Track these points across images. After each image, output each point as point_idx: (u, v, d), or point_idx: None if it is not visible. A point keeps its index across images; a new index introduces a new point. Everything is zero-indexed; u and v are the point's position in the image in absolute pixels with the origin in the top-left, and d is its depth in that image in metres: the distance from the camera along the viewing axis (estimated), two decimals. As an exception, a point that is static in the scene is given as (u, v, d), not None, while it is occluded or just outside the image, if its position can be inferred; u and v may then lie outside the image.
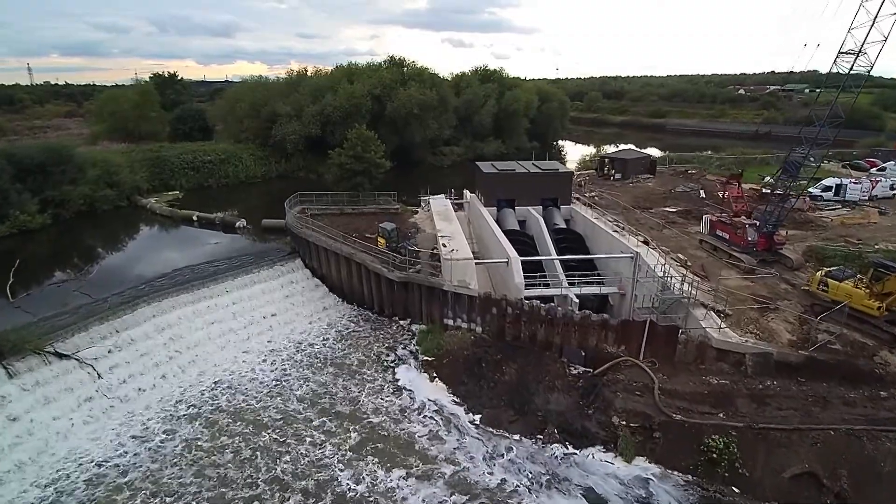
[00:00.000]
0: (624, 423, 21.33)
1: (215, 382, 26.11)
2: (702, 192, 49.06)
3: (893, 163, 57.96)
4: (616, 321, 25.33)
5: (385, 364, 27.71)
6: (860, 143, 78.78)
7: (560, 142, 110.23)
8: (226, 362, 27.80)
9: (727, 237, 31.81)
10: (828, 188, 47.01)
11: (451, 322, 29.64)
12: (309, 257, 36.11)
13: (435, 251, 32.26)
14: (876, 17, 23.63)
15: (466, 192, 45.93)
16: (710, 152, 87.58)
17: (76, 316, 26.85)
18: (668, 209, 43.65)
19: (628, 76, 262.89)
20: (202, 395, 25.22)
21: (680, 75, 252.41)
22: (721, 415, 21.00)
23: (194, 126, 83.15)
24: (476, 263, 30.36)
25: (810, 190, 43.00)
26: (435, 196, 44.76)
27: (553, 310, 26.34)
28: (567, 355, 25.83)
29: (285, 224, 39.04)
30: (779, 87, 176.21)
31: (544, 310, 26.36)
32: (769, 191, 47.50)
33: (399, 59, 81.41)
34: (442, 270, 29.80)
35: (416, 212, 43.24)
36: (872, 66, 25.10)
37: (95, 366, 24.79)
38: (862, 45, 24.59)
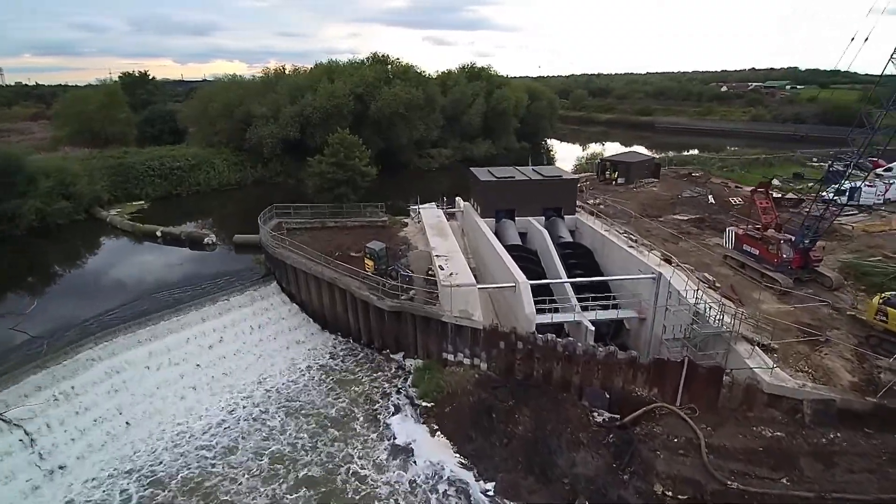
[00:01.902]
0: (669, 493, 17.68)
1: (175, 444, 21.79)
2: (710, 196, 45.89)
3: (901, 162, 55.19)
4: (647, 360, 21.77)
5: (377, 414, 23.62)
6: (855, 142, 76.56)
7: (548, 141, 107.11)
8: (188, 416, 23.45)
9: (757, 253, 28.48)
10: (842, 192, 44.06)
11: (451, 357, 25.80)
12: (286, 280, 31.97)
13: (430, 272, 28.47)
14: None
15: (459, 200, 42.22)
16: (696, 151, 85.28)
17: (8, 364, 22.60)
18: (678, 217, 40.33)
19: (611, 73, 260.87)
20: (159, 461, 20.91)
21: (662, 73, 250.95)
22: (785, 480, 17.52)
23: (164, 128, 78.39)
24: (479, 289, 26.60)
25: (823, 194, 40.25)
26: (425, 205, 40.93)
27: (571, 345, 22.69)
28: (588, 398, 22.22)
29: (259, 241, 34.85)
30: (761, 83, 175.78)
31: (561, 345, 22.71)
32: (781, 195, 45.10)
33: (383, 56, 77.24)
34: (440, 298, 25.98)
35: (406, 223, 39.34)
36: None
37: (27, 427, 20.49)
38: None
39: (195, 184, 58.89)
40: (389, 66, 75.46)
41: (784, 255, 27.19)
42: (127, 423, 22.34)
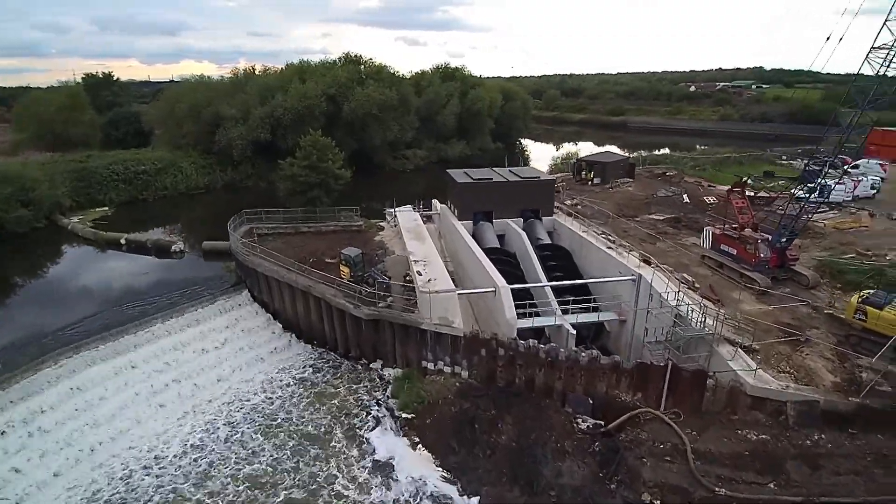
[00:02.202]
0: (658, 501, 17.34)
1: (146, 469, 20.46)
2: (685, 196, 46.16)
3: (867, 160, 56.43)
4: (630, 365, 21.43)
5: (357, 428, 22.72)
6: (828, 141, 78.36)
7: (523, 141, 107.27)
8: (159, 438, 22.02)
9: (735, 253, 28.51)
10: (812, 189, 44.72)
11: (430, 365, 25.12)
12: (258, 289, 30.85)
13: (408, 278, 27.75)
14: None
15: (436, 203, 41.58)
16: (668, 150, 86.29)
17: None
18: (654, 216, 40.39)
19: (583, 74, 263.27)
20: (130, 489, 19.59)
21: (632, 73, 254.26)
22: (772, 485, 17.33)
23: (129, 131, 76.01)
24: (458, 294, 26.00)
25: (799, 192, 40.82)
26: (402, 208, 40.19)
27: (554, 351, 22.26)
28: (571, 404, 21.81)
29: (230, 247, 33.61)
30: (728, 83, 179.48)
31: (543, 351, 22.26)
32: (753, 193, 45.56)
33: (355, 56, 76.17)
34: (418, 304, 25.28)
35: (382, 227, 38.51)
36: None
37: (-20, 454, 19.20)
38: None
39: (162, 188, 57.14)
40: (362, 67, 74.61)
41: (761, 255, 27.24)
42: (92, 447, 20.95)
